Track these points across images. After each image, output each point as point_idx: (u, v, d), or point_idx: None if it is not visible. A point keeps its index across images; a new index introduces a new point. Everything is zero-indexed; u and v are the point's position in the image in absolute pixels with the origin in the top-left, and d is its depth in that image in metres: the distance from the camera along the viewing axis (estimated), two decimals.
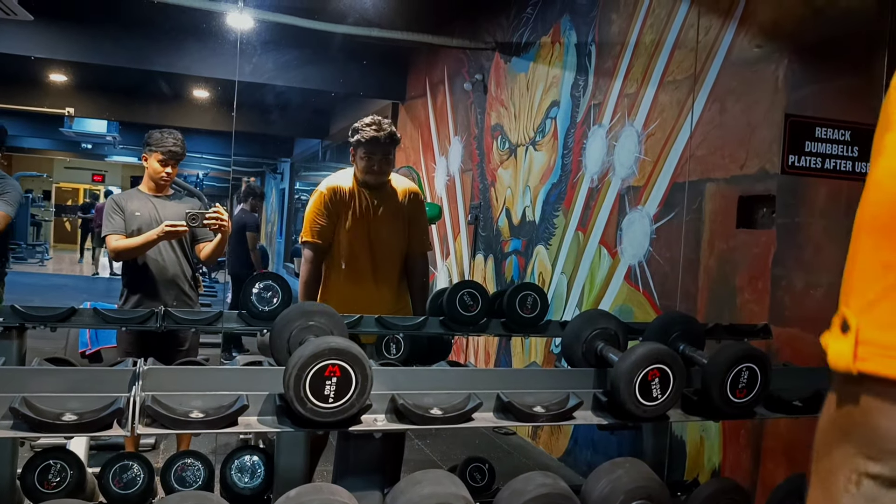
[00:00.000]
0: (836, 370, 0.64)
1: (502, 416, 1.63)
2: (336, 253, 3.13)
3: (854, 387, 0.63)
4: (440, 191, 7.01)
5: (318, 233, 3.09)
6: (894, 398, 0.60)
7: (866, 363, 0.61)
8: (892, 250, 0.62)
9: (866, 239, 0.65)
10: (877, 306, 0.62)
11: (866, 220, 0.65)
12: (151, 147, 3.48)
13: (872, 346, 0.61)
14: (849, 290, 0.65)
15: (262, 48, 6.47)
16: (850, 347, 0.62)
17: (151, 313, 2.38)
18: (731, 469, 3.20)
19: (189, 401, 1.43)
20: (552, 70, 5.01)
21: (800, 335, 2.87)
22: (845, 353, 0.63)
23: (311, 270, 3.11)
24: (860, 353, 0.62)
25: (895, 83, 0.65)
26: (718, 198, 3.35)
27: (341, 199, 3.07)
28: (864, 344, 0.62)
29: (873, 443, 0.61)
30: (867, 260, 0.64)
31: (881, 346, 0.61)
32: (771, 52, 3.10)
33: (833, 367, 0.64)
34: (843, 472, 0.63)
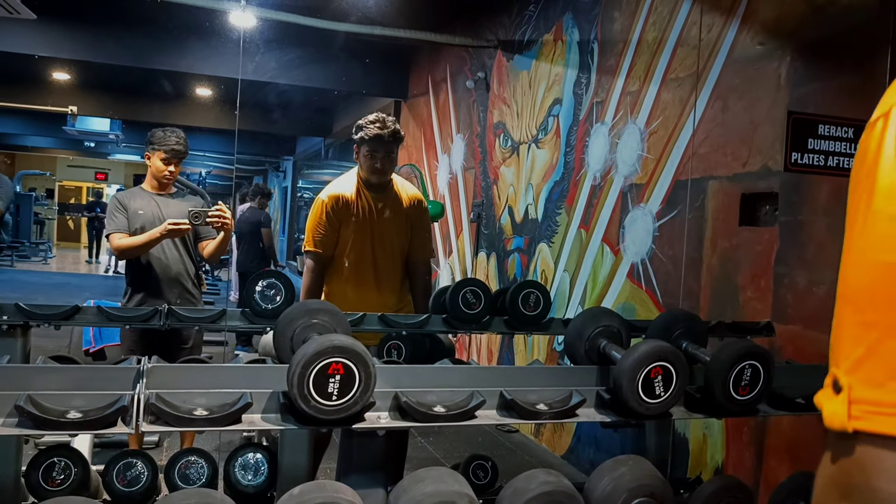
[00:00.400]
0: (831, 429, 0.65)
1: (505, 414, 1.63)
2: (339, 257, 3.13)
3: (850, 445, 0.64)
4: (443, 189, 7.01)
5: (320, 242, 3.09)
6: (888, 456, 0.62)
7: (860, 421, 0.63)
8: (874, 311, 0.64)
9: (849, 302, 0.67)
10: (864, 364, 0.64)
11: (849, 284, 0.67)
12: (154, 145, 3.48)
13: (865, 405, 0.63)
14: (837, 351, 0.67)
15: (264, 46, 6.48)
16: (843, 407, 0.64)
17: (155, 311, 2.39)
18: (734, 467, 3.20)
19: (193, 398, 1.44)
20: (554, 68, 5.01)
21: (802, 333, 2.87)
22: (839, 412, 0.64)
23: (312, 280, 3.12)
24: (853, 412, 0.63)
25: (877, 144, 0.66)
26: (721, 195, 3.35)
27: (343, 207, 3.07)
28: (856, 402, 0.63)
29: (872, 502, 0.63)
30: (851, 321, 0.66)
31: (873, 404, 0.63)
32: (773, 49, 3.10)
33: (829, 426, 0.66)
34: None
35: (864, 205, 0.66)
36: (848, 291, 0.67)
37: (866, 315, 0.64)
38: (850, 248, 0.67)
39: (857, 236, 0.66)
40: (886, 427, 0.61)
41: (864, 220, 0.66)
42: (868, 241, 0.65)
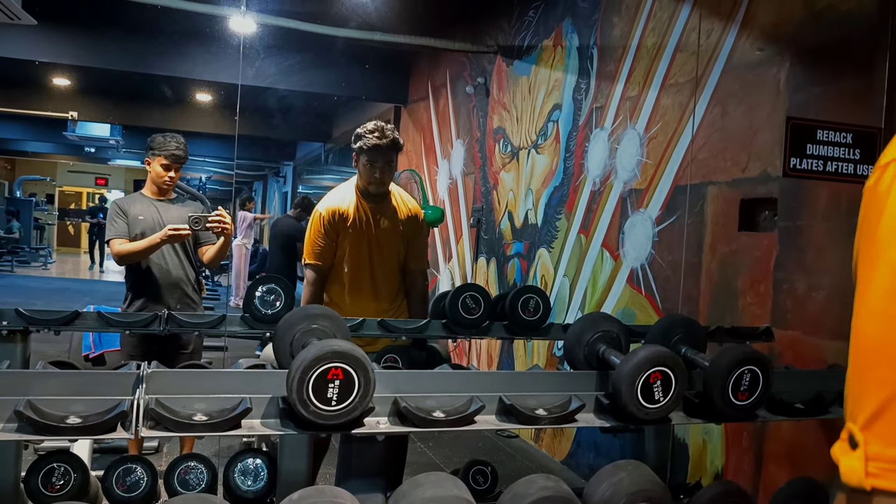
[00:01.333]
0: (848, 485, 0.65)
1: (504, 419, 1.63)
2: (337, 266, 3.14)
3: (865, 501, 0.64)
4: (442, 194, 7.02)
5: (319, 255, 3.10)
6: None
7: (877, 479, 0.63)
8: (888, 365, 0.64)
9: (862, 354, 0.66)
10: (879, 420, 0.64)
11: (862, 335, 0.67)
12: (154, 151, 3.49)
13: (882, 462, 0.63)
14: (852, 405, 0.67)
15: (264, 52, 6.49)
16: (860, 464, 0.64)
17: (155, 316, 2.39)
18: (733, 472, 3.20)
19: (192, 403, 1.44)
20: (554, 73, 5.02)
21: (802, 338, 2.87)
22: (857, 469, 0.64)
23: (312, 293, 3.13)
24: (870, 469, 0.63)
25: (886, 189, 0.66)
26: (720, 201, 3.35)
27: (340, 219, 3.08)
28: (873, 459, 0.63)
29: None
30: (865, 375, 0.66)
31: (890, 461, 0.63)
32: (772, 55, 3.11)
33: (846, 482, 0.65)
34: None
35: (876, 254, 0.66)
36: (861, 342, 0.66)
37: (880, 369, 0.64)
38: (864, 299, 0.66)
39: (871, 287, 0.66)
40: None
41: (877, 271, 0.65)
42: (881, 294, 0.64)
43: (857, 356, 0.66)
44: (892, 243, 0.64)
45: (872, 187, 0.68)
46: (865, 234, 0.68)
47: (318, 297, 3.13)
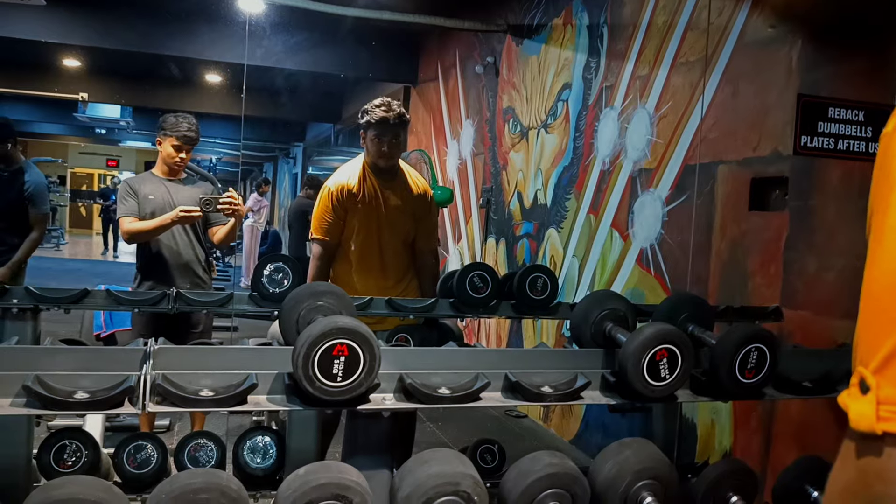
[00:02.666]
0: (858, 430, 0.63)
1: (510, 396, 1.63)
2: (345, 243, 3.14)
3: (875, 448, 0.62)
4: (452, 174, 7.00)
5: (326, 230, 3.10)
6: None
7: (889, 423, 0.61)
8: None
9: (875, 299, 0.65)
10: (892, 363, 0.62)
11: (875, 281, 0.65)
12: (166, 131, 3.49)
13: (894, 406, 0.61)
14: (863, 350, 0.65)
15: (272, 30, 6.47)
16: (871, 408, 0.62)
17: (164, 295, 2.40)
18: (741, 452, 3.20)
19: (199, 379, 1.45)
20: (564, 52, 4.98)
21: (812, 318, 2.86)
22: (867, 413, 0.62)
23: (318, 267, 3.13)
24: (882, 413, 0.61)
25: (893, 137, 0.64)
26: (731, 180, 3.33)
27: (349, 195, 3.07)
28: (885, 403, 0.61)
29: None
30: (878, 319, 0.64)
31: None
32: (784, 33, 3.07)
33: (855, 428, 0.63)
34: None
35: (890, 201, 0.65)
36: (874, 289, 0.65)
37: (892, 312, 0.62)
38: (878, 246, 0.65)
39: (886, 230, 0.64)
40: None
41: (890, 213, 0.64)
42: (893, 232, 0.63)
43: (870, 300, 0.65)
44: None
45: (890, 133, 0.66)
46: (882, 179, 0.66)
47: (323, 273, 3.13)
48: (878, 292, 0.64)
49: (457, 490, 1.44)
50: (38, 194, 4.29)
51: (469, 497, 1.45)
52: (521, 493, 1.54)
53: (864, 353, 0.64)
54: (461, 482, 1.45)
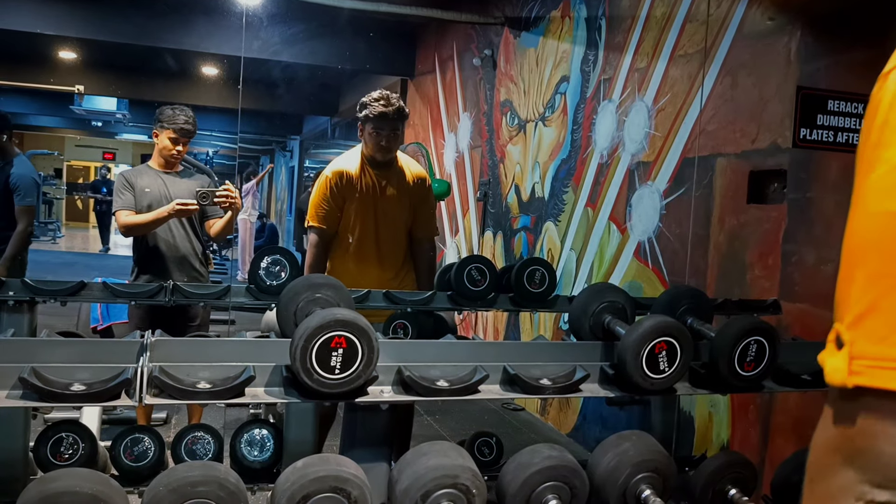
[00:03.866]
0: (832, 385, 0.64)
1: (508, 389, 1.63)
2: (342, 234, 3.13)
3: (852, 405, 0.63)
4: (449, 167, 6.99)
5: (324, 218, 3.09)
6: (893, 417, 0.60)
7: (861, 377, 0.61)
8: (880, 262, 0.62)
9: (854, 254, 0.65)
10: (867, 319, 0.62)
11: (855, 235, 0.65)
12: (163, 124, 3.47)
13: (866, 359, 0.61)
14: (841, 306, 0.66)
15: (268, 22, 6.44)
16: (844, 362, 0.63)
17: (160, 287, 2.39)
18: (739, 445, 3.20)
19: (196, 372, 1.44)
20: (562, 45, 4.96)
21: (810, 311, 2.86)
22: (840, 368, 0.63)
23: (315, 255, 3.12)
24: (854, 367, 0.62)
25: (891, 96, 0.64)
26: (729, 173, 3.32)
27: (347, 183, 3.06)
28: (857, 358, 0.62)
29: (879, 470, 0.61)
30: (856, 274, 0.65)
31: (875, 359, 0.61)
32: (783, 24, 3.06)
33: (830, 382, 0.64)
34: (847, 499, 0.63)
35: (874, 156, 0.64)
36: (854, 243, 0.65)
37: (871, 267, 0.62)
38: (859, 200, 0.65)
39: (867, 187, 0.64)
40: (888, 382, 0.60)
41: (875, 171, 0.64)
42: (877, 191, 0.63)
43: (849, 256, 0.65)
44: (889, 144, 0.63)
45: (875, 94, 0.67)
46: (864, 141, 0.67)
47: (320, 261, 3.12)
48: (854, 249, 0.65)
49: (455, 483, 1.44)
50: (22, 186, 4.26)
51: (468, 490, 1.45)
52: (520, 485, 1.54)
53: (841, 310, 0.65)
54: (460, 475, 1.45)
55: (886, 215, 0.61)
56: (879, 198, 0.63)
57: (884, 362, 0.60)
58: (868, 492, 0.61)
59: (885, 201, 0.62)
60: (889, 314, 0.60)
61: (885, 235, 0.62)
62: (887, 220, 0.61)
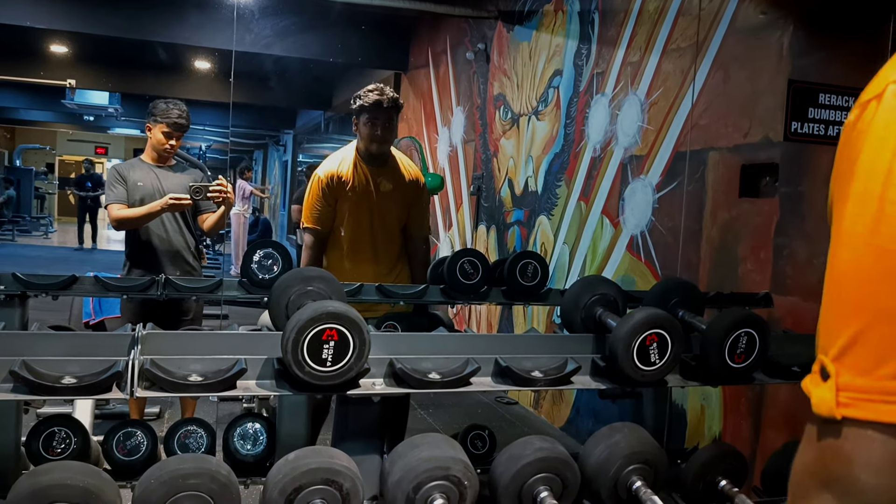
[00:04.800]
0: (819, 416, 0.65)
1: (500, 381, 1.63)
2: (336, 230, 3.13)
3: (835, 431, 0.64)
4: (443, 161, 6.98)
5: (318, 219, 3.09)
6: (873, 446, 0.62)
7: (848, 409, 0.63)
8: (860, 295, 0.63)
9: (836, 286, 0.66)
10: (851, 351, 0.63)
11: (836, 267, 0.67)
12: (156, 118, 3.46)
13: (852, 392, 0.63)
14: (824, 337, 0.67)
15: (260, 14, 6.42)
16: (831, 394, 0.64)
17: (153, 281, 2.39)
18: (731, 437, 3.21)
19: (188, 364, 1.44)
20: (555, 39, 4.96)
21: (801, 304, 2.87)
22: (827, 399, 0.64)
23: (310, 257, 3.12)
24: (841, 399, 0.63)
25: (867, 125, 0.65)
26: (721, 167, 3.33)
27: (339, 183, 3.06)
28: (844, 390, 0.63)
29: (854, 496, 0.63)
30: (838, 306, 0.66)
31: (860, 391, 0.62)
32: (775, 18, 3.06)
33: (817, 413, 0.65)
34: None
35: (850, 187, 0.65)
36: (835, 274, 0.66)
37: (852, 300, 0.63)
38: (838, 230, 0.66)
39: (844, 223, 0.65)
40: (874, 414, 0.61)
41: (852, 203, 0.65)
42: (856, 224, 0.64)
43: (830, 288, 0.67)
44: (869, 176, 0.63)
45: (852, 123, 0.67)
46: (842, 171, 0.68)
47: (316, 262, 3.13)
48: (836, 280, 0.66)
49: (447, 474, 1.44)
50: None
51: (459, 481, 1.45)
52: (512, 477, 1.54)
53: (825, 341, 0.66)
54: (452, 467, 1.45)
55: (866, 247, 0.63)
56: (858, 229, 0.64)
57: (870, 395, 0.62)
58: None
59: (864, 235, 0.63)
60: (872, 346, 0.62)
61: (864, 267, 0.63)
62: (866, 253, 0.62)
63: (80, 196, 14.99)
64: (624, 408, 3.88)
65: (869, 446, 0.62)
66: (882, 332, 0.61)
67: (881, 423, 0.61)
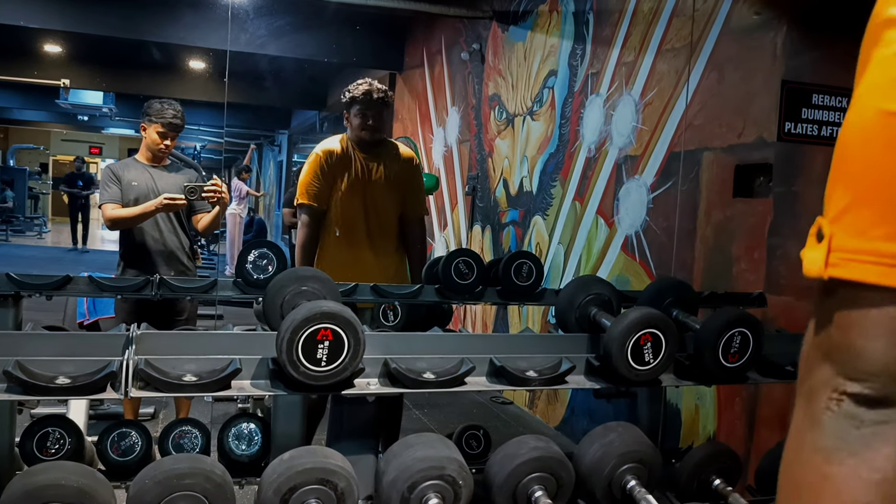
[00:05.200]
0: (809, 277, 0.64)
1: (495, 381, 1.63)
2: (331, 218, 3.13)
3: (830, 300, 0.63)
4: (438, 162, 6.98)
5: (315, 195, 3.09)
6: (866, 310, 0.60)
7: (836, 269, 0.61)
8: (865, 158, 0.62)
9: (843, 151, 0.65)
10: (849, 212, 0.62)
11: (844, 134, 0.65)
12: (151, 118, 3.45)
13: (844, 252, 0.61)
14: (826, 201, 0.65)
15: (255, 14, 6.41)
16: (822, 255, 0.63)
17: (147, 281, 2.38)
18: (725, 436, 3.22)
19: (182, 364, 1.44)
20: (550, 39, 4.97)
21: (795, 304, 2.88)
22: (817, 260, 0.63)
23: (307, 234, 3.11)
24: (831, 260, 0.62)
25: None
26: (715, 167, 3.34)
27: (337, 162, 3.07)
28: (835, 250, 0.62)
29: (851, 364, 0.62)
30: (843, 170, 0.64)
31: (852, 251, 0.61)
32: (769, 19, 3.07)
33: (807, 274, 0.64)
34: (825, 392, 0.64)
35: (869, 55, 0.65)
36: (843, 140, 0.65)
37: (856, 162, 0.62)
38: (854, 97, 0.65)
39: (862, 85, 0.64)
40: (862, 274, 0.60)
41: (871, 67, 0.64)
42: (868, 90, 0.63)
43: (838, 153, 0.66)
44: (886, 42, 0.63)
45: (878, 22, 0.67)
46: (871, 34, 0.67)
47: (313, 239, 3.12)
48: (843, 144, 0.65)
49: (442, 474, 1.45)
50: None
51: (454, 481, 1.45)
52: (507, 476, 1.54)
53: (826, 205, 0.65)
54: (446, 466, 1.45)
55: (874, 111, 0.62)
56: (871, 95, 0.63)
57: (860, 255, 0.60)
58: (842, 383, 0.62)
59: (874, 100, 0.62)
60: (870, 208, 0.60)
61: (872, 132, 0.62)
62: (875, 116, 0.61)
63: (70, 194, 14.68)
64: (619, 407, 3.89)
65: (861, 309, 0.60)
66: (881, 194, 0.60)
67: (872, 286, 0.59)
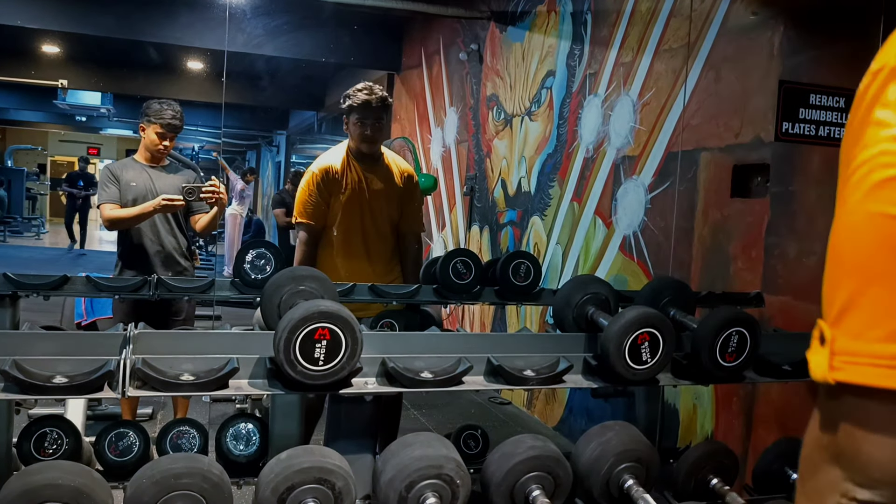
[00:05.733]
0: (816, 381, 0.65)
1: (492, 380, 1.63)
2: (329, 230, 3.13)
3: (836, 404, 0.64)
4: (436, 162, 6.98)
5: (311, 214, 3.09)
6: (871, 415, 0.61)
7: (840, 372, 0.62)
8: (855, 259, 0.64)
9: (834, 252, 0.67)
10: (846, 315, 0.63)
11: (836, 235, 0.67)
12: (150, 118, 3.45)
13: (845, 356, 0.62)
14: (824, 303, 0.67)
15: (252, 14, 6.41)
16: (826, 358, 0.64)
17: (144, 281, 2.38)
18: (723, 436, 3.22)
19: (180, 364, 1.44)
20: (548, 39, 4.97)
21: (792, 303, 2.88)
22: (822, 364, 0.64)
23: (304, 252, 3.12)
24: (835, 363, 0.63)
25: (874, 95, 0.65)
26: (713, 167, 3.34)
27: (333, 179, 3.06)
28: (838, 354, 0.63)
29: (861, 471, 0.63)
30: (836, 272, 0.66)
31: (853, 354, 0.62)
32: (767, 19, 3.08)
33: (813, 377, 0.65)
34: (832, 496, 0.65)
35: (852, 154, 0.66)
36: (834, 243, 0.66)
37: (847, 264, 0.63)
38: (841, 201, 0.67)
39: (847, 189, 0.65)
40: (864, 377, 0.60)
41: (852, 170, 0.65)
42: (854, 191, 0.64)
43: (830, 254, 0.67)
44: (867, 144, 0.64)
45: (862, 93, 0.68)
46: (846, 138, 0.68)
47: (310, 257, 3.12)
48: (836, 246, 0.66)
49: (439, 473, 1.45)
50: None
51: (452, 480, 1.46)
52: (504, 475, 1.54)
53: (824, 307, 0.66)
54: (444, 465, 1.46)
55: (864, 214, 0.63)
56: (855, 195, 0.64)
57: (860, 358, 0.61)
58: (851, 489, 0.63)
59: (861, 202, 0.63)
60: (865, 310, 0.62)
61: (860, 232, 0.63)
62: (862, 218, 0.62)
63: (70, 194, 14.50)
64: (616, 407, 3.89)
65: (866, 413, 0.61)
66: (874, 294, 0.61)
67: (875, 389, 0.60)
